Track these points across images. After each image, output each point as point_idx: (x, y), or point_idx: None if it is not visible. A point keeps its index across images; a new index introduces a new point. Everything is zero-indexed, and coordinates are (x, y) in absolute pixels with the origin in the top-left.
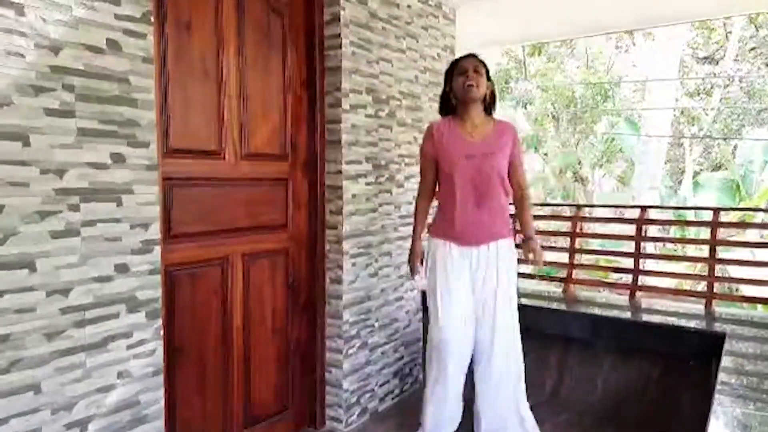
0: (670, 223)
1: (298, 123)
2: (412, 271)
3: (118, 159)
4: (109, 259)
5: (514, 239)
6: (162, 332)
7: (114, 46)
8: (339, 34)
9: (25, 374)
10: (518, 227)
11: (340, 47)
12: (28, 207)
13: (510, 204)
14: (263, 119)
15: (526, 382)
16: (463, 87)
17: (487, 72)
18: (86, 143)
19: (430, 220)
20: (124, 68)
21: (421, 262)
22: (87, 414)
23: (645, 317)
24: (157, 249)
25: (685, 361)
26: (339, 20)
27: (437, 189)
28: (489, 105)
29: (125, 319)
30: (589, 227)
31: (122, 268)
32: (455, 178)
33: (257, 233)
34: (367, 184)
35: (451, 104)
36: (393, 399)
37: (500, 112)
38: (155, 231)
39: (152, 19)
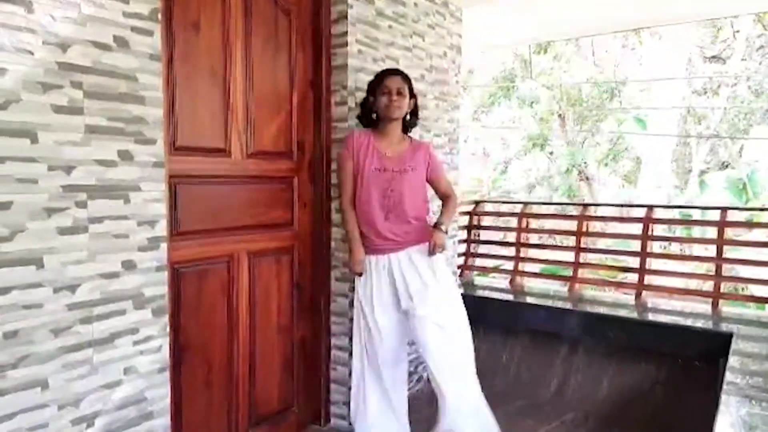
0: (676, 222)
1: (304, 121)
2: (357, 272)
3: (126, 156)
4: (116, 255)
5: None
6: (168, 329)
7: (122, 44)
8: (346, 33)
9: (32, 370)
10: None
11: (347, 45)
12: (35, 203)
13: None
14: (270, 117)
15: (530, 381)
16: (385, 107)
17: (411, 89)
18: (94, 140)
19: None
20: (132, 66)
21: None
22: (93, 410)
23: (651, 317)
24: (164, 246)
25: (692, 361)
26: (346, 18)
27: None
28: (409, 122)
29: (132, 315)
30: (595, 226)
31: (129, 265)
32: (368, 189)
33: (263, 231)
34: None
35: (371, 117)
36: None
37: (505, 112)
38: (162, 228)
39: (160, 16)
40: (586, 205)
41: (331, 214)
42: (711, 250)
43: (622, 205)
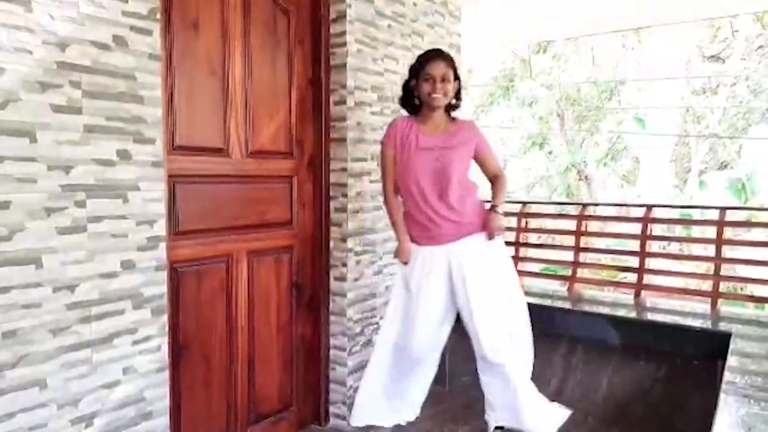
0: (675, 222)
1: (303, 120)
2: (403, 261)
3: (125, 156)
4: (115, 255)
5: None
6: (167, 329)
7: (121, 43)
8: (345, 32)
9: (31, 369)
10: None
11: (346, 45)
12: (34, 203)
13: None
14: (269, 117)
15: (531, 380)
16: (428, 94)
17: (456, 72)
18: (93, 140)
19: None
20: (131, 65)
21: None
22: (92, 409)
23: (650, 316)
24: (163, 246)
25: (691, 361)
26: (345, 18)
27: (399, 192)
28: (452, 105)
29: (131, 315)
30: (594, 226)
31: (128, 265)
32: (415, 171)
33: (262, 231)
34: (372, 181)
35: (413, 101)
36: None
37: (504, 112)
38: (161, 228)
39: (159, 16)
40: (585, 205)
41: (330, 213)
42: (710, 250)
43: (621, 205)
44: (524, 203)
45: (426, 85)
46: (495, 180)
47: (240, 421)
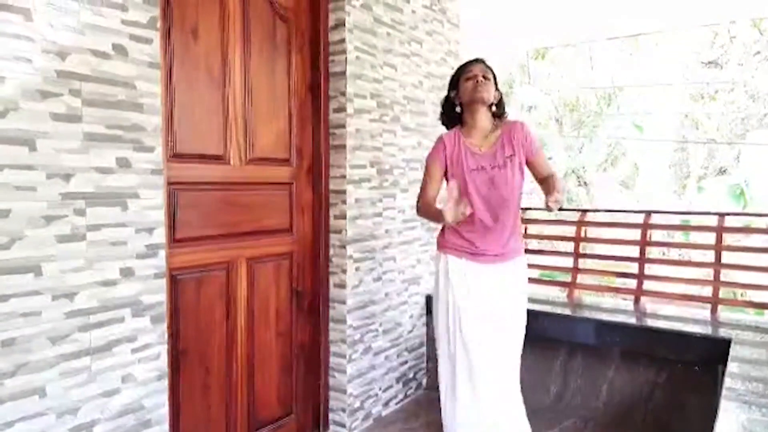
0: (674, 228)
1: (302, 128)
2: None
3: (124, 163)
4: (114, 263)
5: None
6: (166, 336)
7: (120, 52)
8: (344, 40)
9: (30, 378)
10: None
11: (345, 52)
12: (34, 211)
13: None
14: (268, 124)
15: (529, 387)
16: (472, 90)
17: (495, 79)
18: (92, 148)
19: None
20: (131, 73)
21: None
22: (92, 418)
23: (650, 322)
24: (162, 253)
25: (691, 367)
26: (344, 26)
27: None
28: (495, 114)
29: (130, 323)
30: (593, 232)
31: (127, 272)
32: (468, 192)
33: (262, 237)
34: (371, 188)
35: (456, 112)
36: (397, 404)
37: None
38: (160, 235)
39: (159, 24)
40: (584, 211)
41: (329, 219)
42: (709, 256)
43: (620, 211)
44: (523, 209)
45: (468, 84)
46: (550, 177)
47: (240, 428)
